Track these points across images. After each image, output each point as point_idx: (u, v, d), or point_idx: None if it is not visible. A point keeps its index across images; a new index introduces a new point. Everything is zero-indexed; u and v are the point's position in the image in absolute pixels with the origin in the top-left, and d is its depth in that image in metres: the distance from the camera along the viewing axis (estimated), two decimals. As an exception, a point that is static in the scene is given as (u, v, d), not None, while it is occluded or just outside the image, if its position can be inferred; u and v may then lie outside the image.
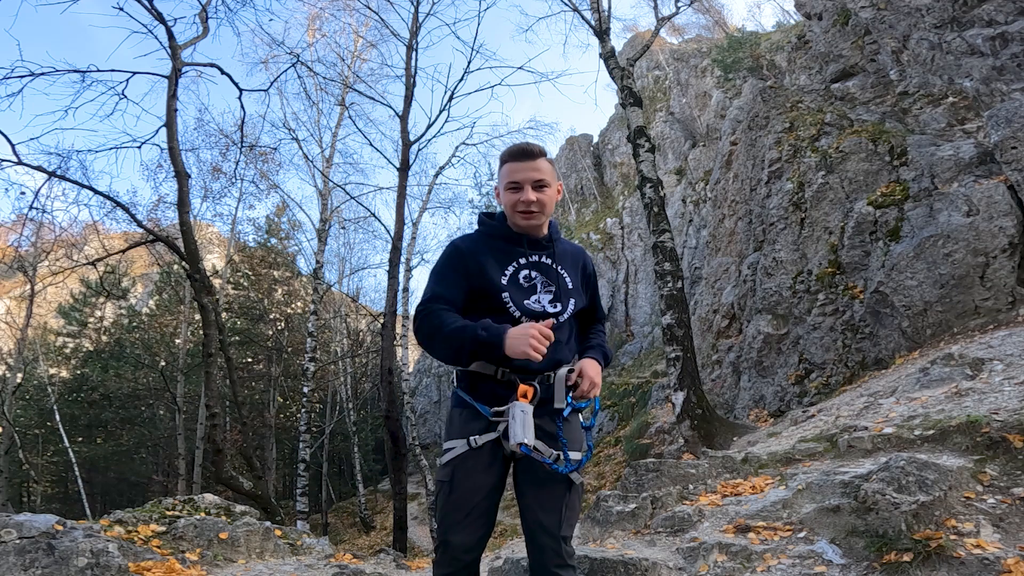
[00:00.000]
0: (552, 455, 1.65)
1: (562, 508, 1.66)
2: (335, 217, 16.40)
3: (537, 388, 1.67)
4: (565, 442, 1.68)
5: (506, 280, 1.74)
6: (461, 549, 1.63)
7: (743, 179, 11.28)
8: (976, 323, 6.41)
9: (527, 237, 1.80)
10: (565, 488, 1.67)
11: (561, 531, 1.65)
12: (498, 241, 1.80)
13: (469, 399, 1.70)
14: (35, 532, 2.52)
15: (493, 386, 1.69)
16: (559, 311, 1.76)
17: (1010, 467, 2.72)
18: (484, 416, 1.67)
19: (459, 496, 1.64)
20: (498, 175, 1.84)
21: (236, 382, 11.51)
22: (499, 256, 1.77)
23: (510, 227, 1.81)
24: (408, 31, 10.80)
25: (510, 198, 1.75)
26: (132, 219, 9.55)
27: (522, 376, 1.67)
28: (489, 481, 1.66)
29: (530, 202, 1.73)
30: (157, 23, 8.38)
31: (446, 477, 1.67)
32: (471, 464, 1.65)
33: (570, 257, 1.89)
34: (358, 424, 23.45)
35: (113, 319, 26.78)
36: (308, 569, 3.43)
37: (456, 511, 1.64)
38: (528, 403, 1.62)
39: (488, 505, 1.66)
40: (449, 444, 1.70)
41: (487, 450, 1.66)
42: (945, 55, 7.89)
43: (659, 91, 33.39)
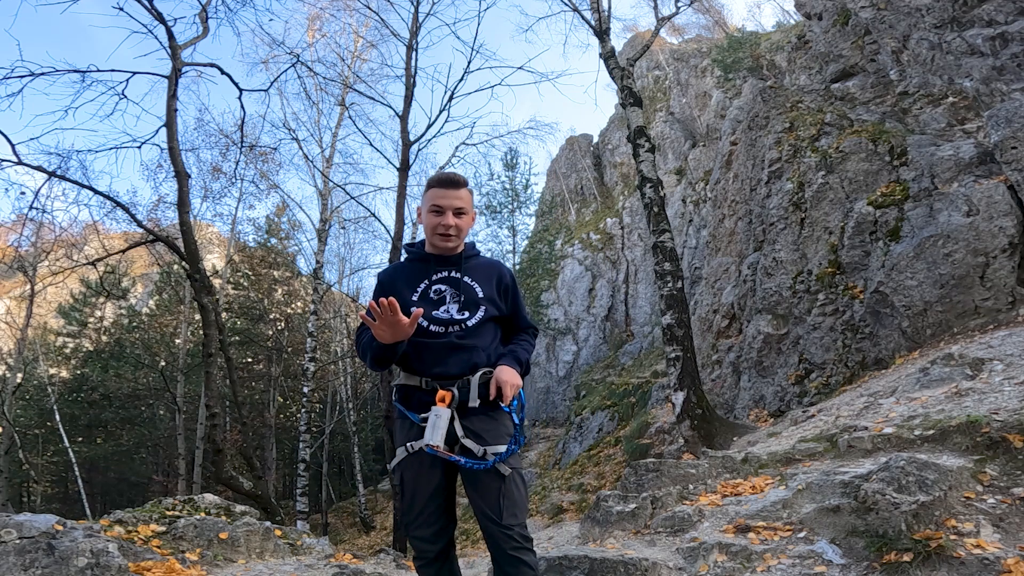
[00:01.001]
0: (479, 451, 1.80)
1: (499, 498, 1.80)
2: (335, 217, 16.40)
3: (455, 393, 1.84)
4: (485, 438, 1.83)
5: (416, 296, 1.96)
6: (423, 542, 1.85)
7: (743, 179, 11.28)
8: (976, 323, 6.41)
9: (436, 256, 2.02)
10: (499, 480, 1.81)
11: (503, 519, 1.78)
12: (414, 264, 2.04)
13: (402, 409, 1.90)
14: (35, 532, 2.52)
15: (420, 395, 1.88)
16: (467, 317, 1.95)
17: (1010, 467, 2.72)
18: (416, 423, 1.84)
19: (409, 497, 1.85)
20: (422, 199, 2.04)
21: (236, 382, 11.51)
22: (412, 277, 2.00)
23: (424, 250, 2.04)
24: (408, 31, 10.80)
25: (432, 220, 1.96)
26: (132, 219, 9.55)
27: (442, 383, 1.86)
28: (433, 481, 1.84)
29: (449, 226, 1.94)
30: (157, 23, 8.38)
31: (398, 481, 1.89)
32: (413, 468, 1.84)
33: (483, 270, 2.06)
34: (358, 424, 23.44)
35: (113, 319, 26.77)
36: (308, 569, 3.43)
37: (410, 510, 1.86)
38: (446, 407, 1.79)
39: (438, 502, 1.85)
40: (397, 452, 1.89)
41: (424, 453, 1.81)
42: (945, 55, 7.89)
43: (659, 91, 33.38)
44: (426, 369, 1.89)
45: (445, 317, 1.93)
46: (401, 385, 1.93)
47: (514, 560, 1.78)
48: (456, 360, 1.90)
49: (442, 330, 1.92)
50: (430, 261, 2.02)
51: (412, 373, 1.90)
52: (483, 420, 1.86)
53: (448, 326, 1.92)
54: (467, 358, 1.90)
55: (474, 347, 1.92)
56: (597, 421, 16.80)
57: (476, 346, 1.93)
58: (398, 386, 1.94)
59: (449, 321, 1.93)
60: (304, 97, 16.39)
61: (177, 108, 8.43)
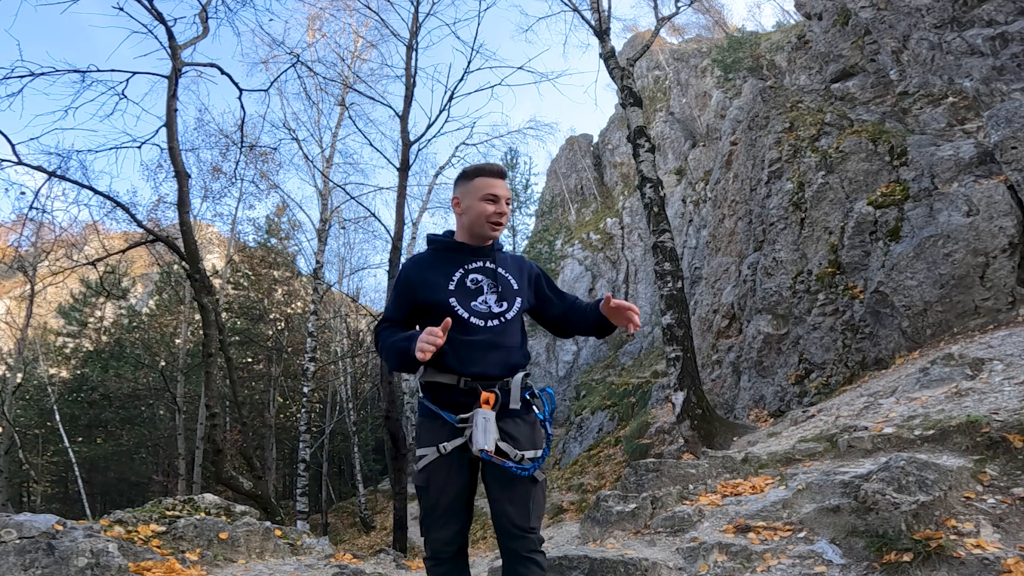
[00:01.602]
0: (516, 455, 1.79)
1: (529, 503, 1.81)
2: (335, 217, 16.40)
3: (498, 394, 1.81)
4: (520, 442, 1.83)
5: (453, 286, 1.90)
6: (442, 543, 1.82)
7: (743, 179, 11.28)
8: (976, 323, 6.41)
9: (470, 247, 1.98)
10: (530, 485, 1.82)
11: (530, 523, 1.80)
12: (444, 253, 1.99)
13: (435, 408, 1.84)
14: (35, 532, 2.52)
15: (457, 395, 1.83)
16: (505, 310, 1.91)
17: (1010, 467, 2.72)
18: (451, 423, 1.80)
19: (434, 498, 1.82)
20: (465, 186, 1.99)
21: (236, 382, 11.51)
22: (445, 267, 1.94)
23: (456, 240, 2.00)
24: (408, 31, 10.79)
25: (487, 208, 1.92)
26: (132, 219, 9.55)
27: (483, 384, 1.82)
28: (459, 482, 1.82)
29: (503, 214, 1.94)
30: (157, 23, 8.38)
31: (422, 483, 1.84)
32: (442, 469, 1.81)
33: (512, 263, 2.05)
34: (358, 424, 23.44)
35: (113, 319, 26.77)
36: (308, 569, 3.43)
37: (433, 511, 1.82)
38: (490, 409, 1.77)
39: (461, 503, 1.84)
40: (422, 452, 1.85)
41: (455, 455, 1.80)
42: (945, 55, 7.88)
43: (659, 91, 33.37)
44: (465, 368, 1.82)
45: (483, 309, 1.89)
46: (432, 382, 1.86)
47: (528, 561, 1.79)
48: (496, 360, 1.85)
49: (481, 323, 1.87)
50: (464, 251, 1.97)
51: (448, 371, 1.83)
52: (518, 425, 1.85)
53: (487, 319, 1.88)
54: (506, 358, 1.87)
55: (511, 347, 1.89)
56: (597, 421, 16.80)
57: (513, 346, 1.90)
58: (427, 383, 1.87)
59: (488, 313, 1.89)
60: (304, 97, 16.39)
61: (177, 108, 8.43)
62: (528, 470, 1.79)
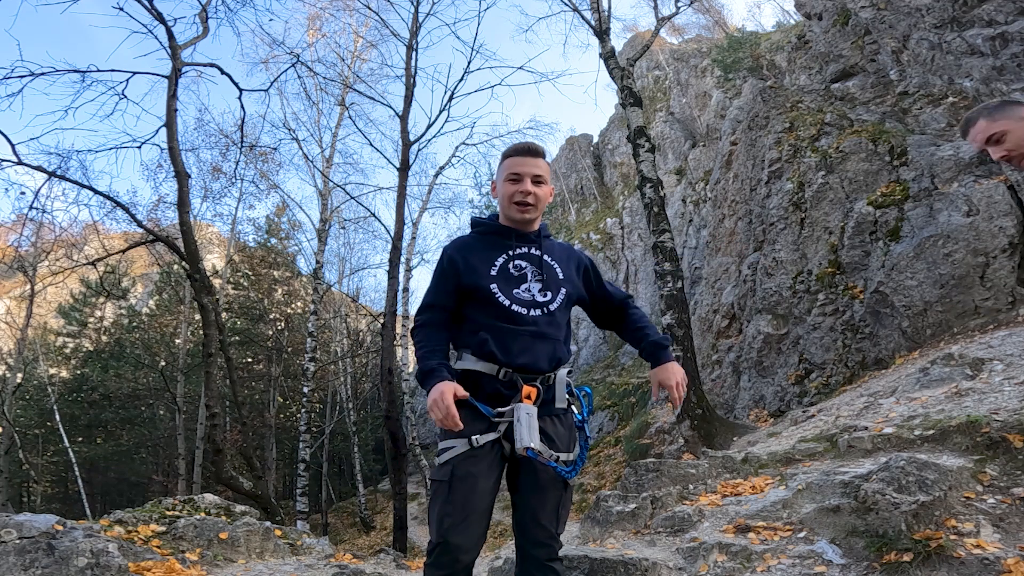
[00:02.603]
0: (553, 456, 1.66)
1: (559, 508, 1.71)
2: (335, 217, 16.41)
3: (540, 389, 1.69)
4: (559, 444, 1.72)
5: (495, 271, 1.78)
6: (461, 550, 1.59)
7: (743, 179, 11.28)
8: (976, 323, 6.41)
9: (516, 231, 1.85)
10: (562, 489, 1.71)
11: (557, 528, 1.71)
12: (488, 237, 1.87)
13: (469, 398, 1.68)
14: (35, 532, 2.52)
15: (495, 385, 1.69)
16: (549, 300, 1.79)
17: (1010, 467, 2.72)
18: (485, 416, 1.66)
19: (459, 496, 1.61)
20: (498, 170, 1.89)
21: (236, 382, 11.51)
22: (488, 250, 1.82)
23: (500, 224, 1.88)
24: (408, 31, 10.80)
25: (509, 189, 1.81)
26: (132, 219, 9.55)
27: (524, 376, 1.69)
28: (489, 481, 1.65)
29: (527, 192, 1.79)
30: (157, 23, 8.39)
31: (444, 477, 1.64)
32: (471, 464, 1.63)
33: (561, 251, 1.92)
34: (358, 424, 23.43)
35: (113, 319, 26.77)
36: (308, 569, 3.43)
37: (456, 512, 1.60)
38: (532, 404, 1.64)
39: (487, 505, 1.65)
40: (448, 443, 1.66)
41: (487, 450, 1.65)
42: (945, 55, 7.89)
43: (659, 91, 33.38)
44: (509, 358, 1.68)
45: (527, 298, 1.76)
46: (468, 371, 1.72)
47: (548, 568, 1.69)
48: (543, 352, 1.73)
49: (524, 312, 1.74)
50: (510, 235, 1.85)
51: (488, 360, 1.70)
52: (556, 425, 1.73)
53: (530, 308, 1.75)
54: (552, 351, 1.75)
55: (557, 339, 1.77)
56: (597, 421, 16.80)
57: (558, 338, 1.78)
58: (463, 371, 1.73)
59: (531, 302, 1.76)
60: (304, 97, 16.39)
61: (177, 108, 8.43)
62: (569, 472, 1.67)
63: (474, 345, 1.73)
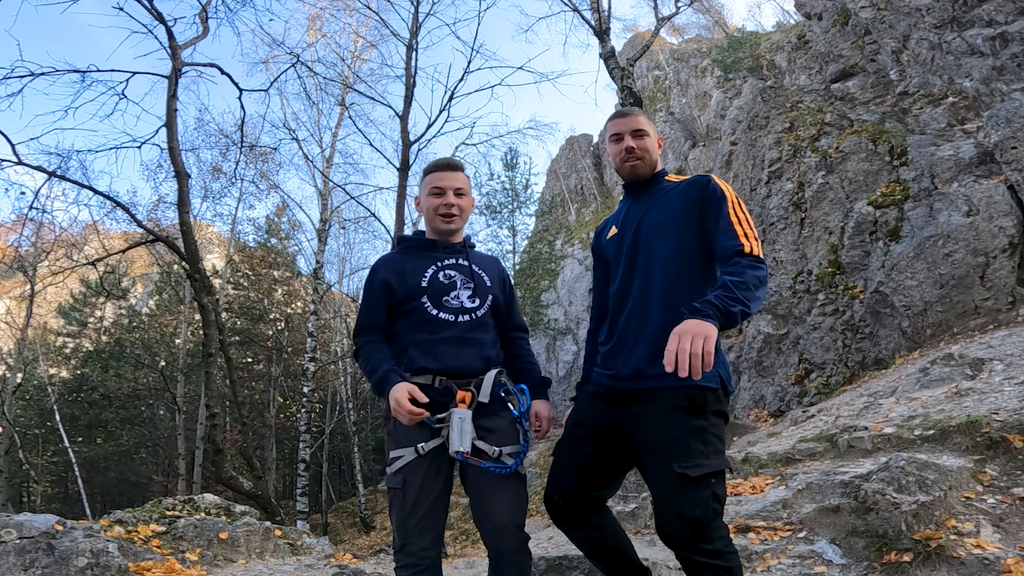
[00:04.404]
0: (495, 452, 1.76)
1: (511, 500, 1.77)
2: (335, 217, 16.40)
3: (474, 392, 1.79)
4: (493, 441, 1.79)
5: (426, 282, 1.88)
6: (422, 548, 1.72)
7: (743, 179, 11.27)
8: (976, 323, 6.41)
9: (442, 244, 1.96)
10: (513, 481, 1.78)
11: (512, 520, 1.76)
12: (416, 251, 1.97)
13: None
14: (35, 532, 2.52)
15: (432, 394, 1.77)
16: (477, 305, 1.90)
17: (1010, 467, 2.72)
18: (428, 424, 1.75)
19: (413, 501, 1.73)
20: (420, 187, 2.01)
21: (236, 382, 11.50)
22: (418, 262, 1.92)
23: (427, 238, 1.99)
24: (408, 31, 10.79)
25: (432, 202, 1.93)
26: (132, 219, 9.55)
27: (458, 382, 1.80)
28: (439, 484, 1.76)
29: (451, 204, 1.91)
30: (157, 23, 8.38)
31: (398, 484, 1.75)
32: (421, 470, 1.74)
33: (486, 261, 2.04)
34: (358, 424, 23.42)
35: (113, 319, 26.76)
36: (308, 569, 3.43)
37: (413, 515, 1.73)
38: (467, 408, 1.75)
39: (440, 506, 1.78)
40: (397, 453, 1.78)
41: (433, 455, 1.75)
42: (945, 55, 7.88)
43: (659, 91, 33.38)
44: (440, 365, 1.79)
45: (455, 305, 1.86)
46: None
47: (513, 561, 1.75)
48: (470, 355, 1.83)
49: (451, 318, 1.84)
50: (437, 247, 1.95)
51: (420, 373, 1.80)
52: (494, 420, 1.82)
53: (458, 314, 1.85)
54: (481, 353, 1.85)
55: (484, 342, 1.87)
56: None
57: (486, 341, 1.88)
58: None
59: (459, 309, 1.86)
60: (304, 97, 16.38)
61: (177, 108, 8.43)
62: (508, 468, 1.75)
63: (405, 362, 1.83)
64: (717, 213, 1.72)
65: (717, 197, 1.73)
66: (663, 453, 1.60)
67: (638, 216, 1.85)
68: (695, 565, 1.57)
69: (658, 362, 1.49)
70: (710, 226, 1.73)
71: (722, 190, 1.75)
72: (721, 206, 1.72)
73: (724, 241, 1.67)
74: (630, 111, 1.92)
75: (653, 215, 1.82)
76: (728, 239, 1.67)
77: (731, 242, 1.66)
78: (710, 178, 1.79)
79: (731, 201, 1.73)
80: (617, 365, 1.78)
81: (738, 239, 1.65)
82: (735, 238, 1.66)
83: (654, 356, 1.64)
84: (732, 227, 1.68)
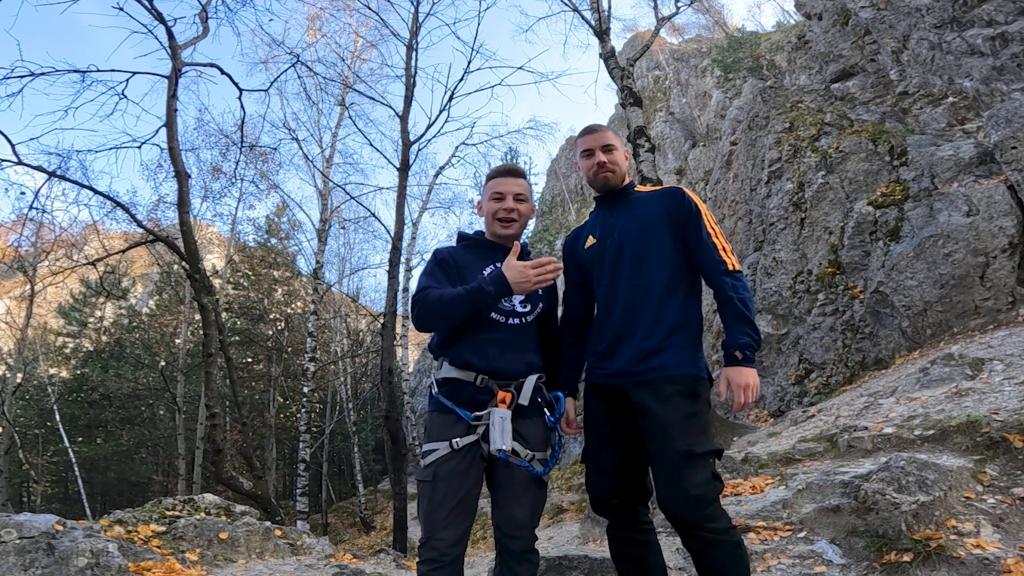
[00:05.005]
0: (528, 456, 1.81)
1: (534, 504, 1.85)
2: (335, 217, 16.40)
3: (514, 394, 1.83)
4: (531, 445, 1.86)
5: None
6: (447, 544, 1.74)
7: (743, 179, 11.27)
8: (976, 323, 6.41)
9: (501, 247, 2.00)
10: (537, 486, 1.86)
11: (532, 523, 1.85)
12: (476, 250, 2.03)
13: (450, 404, 1.83)
14: (35, 532, 2.52)
15: (473, 392, 1.83)
16: (528, 311, 1.95)
17: (1010, 467, 2.72)
18: (464, 420, 1.80)
19: (443, 495, 1.76)
20: (483, 190, 2.06)
21: (236, 382, 11.50)
22: (477, 261, 1.98)
23: (487, 239, 2.04)
24: (408, 31, 10.78)
25: (492, 207, 1.99)
26: (132, 219, 9.54)
27: (500, 382, 1.84)
28: (470, 480, 1.79)
29: (510, 209, 1.97)
30: (157, 23, 8.37)
31: (429, 477, 1.79)
32: (453, 465, 1.78)
33: None
34: (358, 424, 23.43)
35: (113, 319, 26.77)
36: (308, 569, 3.43)
37: (440, 509, 1.76)
38: (506, 408, 1.78)
39: (469, 502, 1.80)
40: (431, 446, 1.81)
41: (467, 451, 1.79)
42: (945, 55, 7.89)
43: (659, 91, 33.38)
44: (486, 363, 1.83)
45: (507, 307, 1.90)
46: (448, 378, 1.87)
47: (524, 559, 1.82)
48: (516, 358, 1.87)
49: (502, 320, 1.89)
50: (496, 249, 2.00)
51: (465, 368, 1.84)
52: (530, 425, 1.87)
53: (509, 317, 1.90)
54: (525, 357, 1.90)
55: (529, 347, 1.93)
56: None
57: (531, 346, 1.94)
58: (443, 379, 1.88)
59: (511, 312, 1.91)
60: (304, 97, 16.36)
61: (177, 108, 8.42)
62: (541, 472, 1.82)
63: (451, 355, 1.88)
64: (696, 229, 1.90)
65: (693, 212, 1.91)
66: (666, 435, 1.73)
67: (619, 224, 1.98)
68: (703, 543, 1.68)
69: (655, 356, 1.79)
70: (690, 240, 1.91)
71: (697, 205, 1.93)
72: (699, 222, 1.90)
73: (707, 258, 1.89)
74: (598, 127, 2.05)
75: (633, 222, 1.96)
76: (710, 257, 1.89)
77: (714, 261, 1.88)
78: (683, 192, 1.96)
79: (705, 216, 1.92)
80: (614, 363, 1.88)
81: (719, 256, 1.88)
82: (716, 255, 1.88)
83: (649, 351, 1.82)
84: (711, 243, 1.89)
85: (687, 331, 1.88)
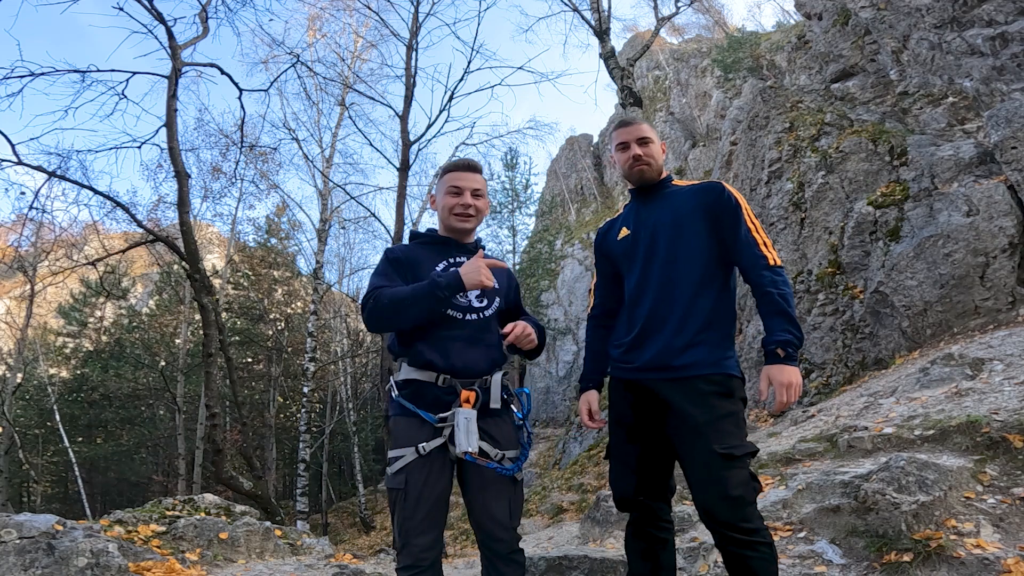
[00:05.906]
0: (497, 455, 1.77)
1: (510, 502, 1.79)
2: (335, 217, 16.40)
3: (479, 393, 1.78)
4: (501, 443, 1.81)
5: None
6: (421, 549, 1.71)
7: (743, 179, 11.27)
8: (976, 323, 6.41)
9: (455, 242, 1.97)
10: (511, 484, 1.80)
11: (512, 522, 1.79)
12: (429, 246, 1.97)
13: (412, 407, 1.77)
14: (35, 532, 2.52)
15: (436, 392, 1.77)
16: (485, 306, 1.90)
17: (1010, 467, 2.72)
18: (429, 423, 1.74)
19: (415, 502, 1.72)
20: (438, 185, 2.01)
21: (236, 382, 11.50)
22: (430, 257, 1.92)
23: (440, 234, 1.99)
24: (408, 31, 10.79)
25: (449, 201, 1.93)
26: (132, 219, 9.55)
27: (463, 382, 1.78)
28: (440, 484, 1.75)
29: (467, 204, 1.92)
30: (157, 23, 8.38)
31: (399, 485, 1.73)
32: (422, 470, 1.73)
33: (497, 266, 2.02)
34: (358, 424, 23.43)
35: (113, 319, 26.76)
36: (308, 569, 3.43)
37: (414, 516, 1.72)
38: (471, 408, 1.73)
39: (442, 505, 1.76)
40: (397, 452, 1.76)
41: (435, 455, 1.74)
42: (945, 55, 7.89)
43: (659, 91, 33.38)
44: (447, 363, 1.77)
45: (463, 303, 1.85)
46: (409, 380, 1.80)
47: (511, 560, 1.79)
48: (477, 355, 1.82)
49: (460, 316, 1.83)
50: (450, 244, 1.96)
51: (426, 368, 1.78)
52: (498, 424, 1.82)
53: (466, 312, 1.84)
54: (488, 354, 1.85)
55: (490, 343, 1.87)
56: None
57: (492, 342, 1.88)
58: (403, 381, 1.81)
59: (467, 308, 1.85)
60: (304, 97, 16.39)
61: (177, 108, 8.43)
62: (511, 470, 1.77)
63: (411, 355, 1.82)
64: (735, 223, 1.84)
65: (733, 206, 1.86)
66: (702, 436, 1.67)
67: (653, 216, 1.93)
68: (738, 543, 1.64)
69: (686, 352, 1.75)
70: (728, 234, 1.84)
71: (737, 199, 1.87)
72: (738, 216, 1.84)
73: (748, 253, 1.82)
74: (633, 120, 2.01)
75: (668, 215, 1.90)
76: (751, 252, 1.81)
77: (755, 256, 1.81)
78: (723, 186, 1.90)
79: (746, 211, 1.86)
80: (641, 356, 1.83)
81: (760, 251, 1.81)
82: (757, 250, 1.81)
83: (680, 347, 1.77)
84: (752, 238, 1.82)
85: (720, 327, 1.82)
